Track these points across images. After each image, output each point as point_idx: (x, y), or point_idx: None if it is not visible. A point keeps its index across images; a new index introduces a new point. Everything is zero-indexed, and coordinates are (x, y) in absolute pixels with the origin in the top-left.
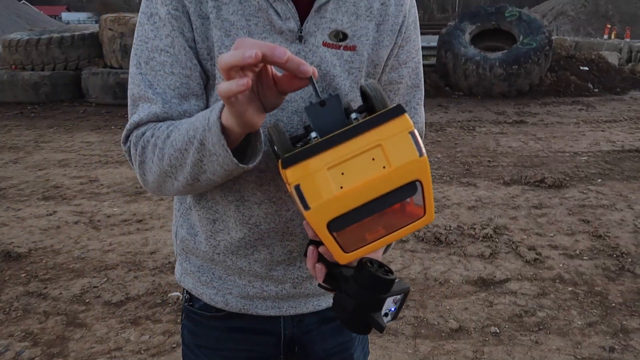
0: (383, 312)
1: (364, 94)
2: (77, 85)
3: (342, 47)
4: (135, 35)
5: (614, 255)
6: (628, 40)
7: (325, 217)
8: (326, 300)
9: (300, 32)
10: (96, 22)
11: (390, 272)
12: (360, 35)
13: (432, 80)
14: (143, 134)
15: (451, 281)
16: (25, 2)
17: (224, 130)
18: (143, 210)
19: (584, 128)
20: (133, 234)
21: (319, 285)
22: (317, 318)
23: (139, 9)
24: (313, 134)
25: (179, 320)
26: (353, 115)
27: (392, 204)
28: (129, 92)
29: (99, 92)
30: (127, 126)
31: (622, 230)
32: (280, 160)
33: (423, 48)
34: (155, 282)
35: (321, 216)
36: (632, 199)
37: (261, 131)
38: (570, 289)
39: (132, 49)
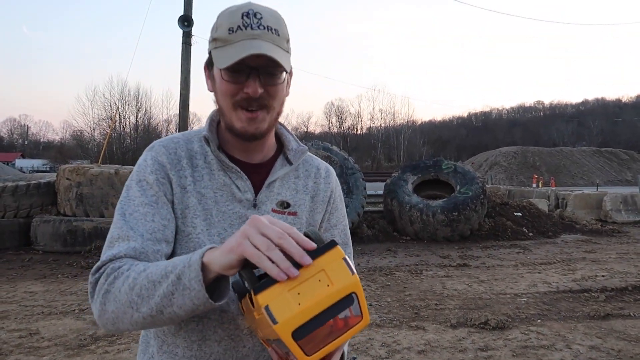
0: None
1: (306, 236)
2: (25, 233)
3: (286, 213)
4: (124, 195)
5: None
6: (554, 188)
7: (290, 328)
8: None
9: (255, 202)
10: (50, 168)
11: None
12: (300, 204)
13: (381, 225)
14: (119, 267)
15: None
16: None
17: (203, 269)
18: None
19: (522, 270)
20: None
21: None
22: None
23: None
24: None
25: None
26: None
27: (338, 312)
28: (109, 236)
29: (48, 239)
30: (103, 258)
31: None
32: (252, 290)
33: (372, 196)
34: None
35: (286, 328)
36: (569, 339)
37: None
38: None
39: (118, 205)
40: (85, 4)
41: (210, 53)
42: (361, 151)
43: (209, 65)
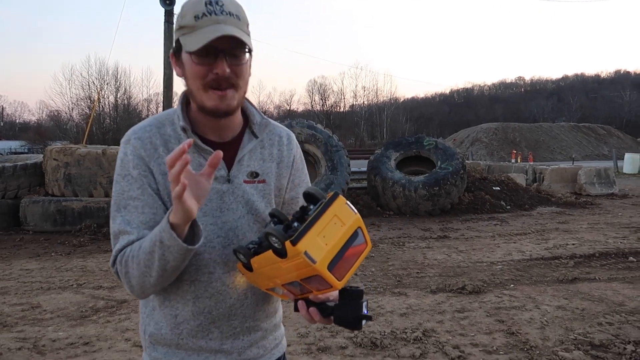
0: (364, 312)
1: (308, 195)
2: (14, 214)
3: (256, 182)
4: (114, 190)
5: (525, 349)
6: (531, 163)
7: (325, 263)
8: None
9: (229, 177)
10: (29, 150)
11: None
12: (267, 172)
13: (365, 201)
14: (124, 253)
15: None
16: None
17: (173, 228)
18: (90, 332)
19: (498, 240)
20: (80, 356)
21: (319, 320)
22: None
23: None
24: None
25: None
26: (311, 207)
27: (351, 244)
28: (112, 230)
29: (38, 219)
30: (113, 253)
31: (531, 327)
32: (288, 241)
33: (356, 172)
34: None
35: (324, 264)
36: (539, 300)
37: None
38: None
39: (112, 199)
40: None
41: (177, 41)
42: (344, 129)
43: (176, 52)
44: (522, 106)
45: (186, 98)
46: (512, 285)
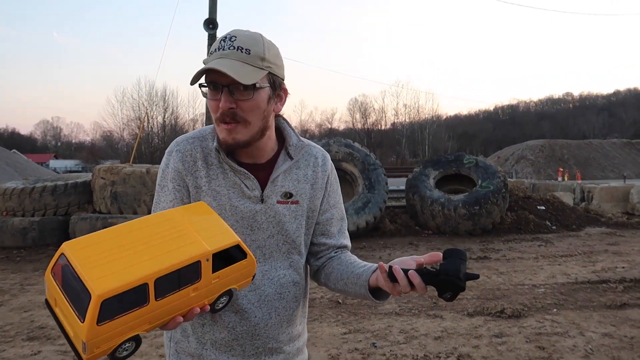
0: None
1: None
2: (64, 230)
3: (289, 202)
4: (155, 197)
5: None
6: (579, 181)
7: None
8: None
9: (262, 197)
10: (83, 168)
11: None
12: (301, 193)
13: (403, 220)
14: None
15: None
16: (16, 151)
17: None
18: None
19: (542, 262)
20: None
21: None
22: None
23: (126, 157)
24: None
25: None
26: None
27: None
28: None
29: None
30: None
31: (574, 355)
32: None
33: (394, 191)
34: None
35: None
36: (583, 327)
37: None
38: None
39: (153, 206)
40: (111, 9)
41: None
42: (385, 147)
43: None
44: (571, 122)
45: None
46: (554, 310)
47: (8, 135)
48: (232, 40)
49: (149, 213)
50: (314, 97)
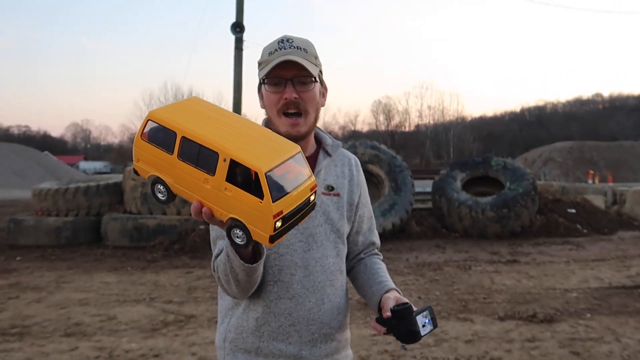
0: (420, 324)
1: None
2: (96, 230)
3: (332, 194)
4: None
5: None
6: (611, 184)
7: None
8: None
9: None
10: (111, 170)
11: (405, 303)
12: (341, 187)
13: (430, 222)
14: (217, 260)
15: None
16: (48, 153)
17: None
18: (159, 345)
19: (573, 266)
20: None
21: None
22: None
23: None
24: None
25: None
26: None
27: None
28: (211, 236)
29: (117, 235)
30: (213, 258)
31: None
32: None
33: (420, 193)
34: None
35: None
36: (619, 332)
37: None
38: None
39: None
40: (139, 14)
41: (260, 80)
42: (409, 149)
43: (259, 88)
44: (600, 124)
45: (267, 124)
46: (588, 315)
47: (40, 138)
48: (289, 42)
49: (178, 214)
50: (337, 99)
